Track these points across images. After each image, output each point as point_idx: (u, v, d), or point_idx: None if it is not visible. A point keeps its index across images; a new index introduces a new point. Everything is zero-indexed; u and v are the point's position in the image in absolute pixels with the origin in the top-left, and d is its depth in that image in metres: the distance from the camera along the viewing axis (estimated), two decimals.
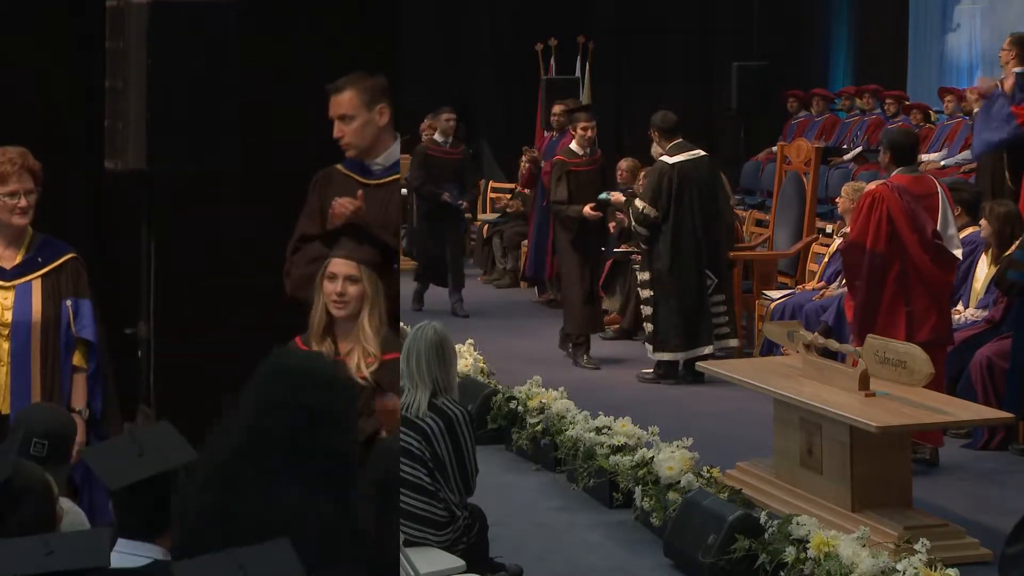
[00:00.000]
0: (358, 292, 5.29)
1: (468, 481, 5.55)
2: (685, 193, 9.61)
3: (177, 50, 5.08)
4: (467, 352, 9.01)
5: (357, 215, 5.41)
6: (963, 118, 13.49)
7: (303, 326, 5.40)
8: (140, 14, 5.04)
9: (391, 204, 5.67)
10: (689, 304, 9.60)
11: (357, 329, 5.30)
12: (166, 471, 3.47)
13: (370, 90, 5.53)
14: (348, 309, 5.29)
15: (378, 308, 5.34)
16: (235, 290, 5.97)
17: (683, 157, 9.66)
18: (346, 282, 5.29)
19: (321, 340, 5.33)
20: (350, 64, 5.70)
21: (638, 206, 9.69)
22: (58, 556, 2.87)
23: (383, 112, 5.56)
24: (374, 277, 5.34)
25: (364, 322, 5.29)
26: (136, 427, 4.74)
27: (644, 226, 9.62)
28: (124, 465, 3.49)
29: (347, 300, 5.27)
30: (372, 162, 5.63)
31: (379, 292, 5.35)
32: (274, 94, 5.85)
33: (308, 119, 5.78)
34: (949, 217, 7.37)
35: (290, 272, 5.55)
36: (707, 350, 9.62)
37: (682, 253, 9.59)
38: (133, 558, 3.41)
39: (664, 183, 9.59)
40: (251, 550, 2.78)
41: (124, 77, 5.08)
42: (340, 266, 5.31)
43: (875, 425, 5.90)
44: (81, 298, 5.43)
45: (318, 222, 5.60)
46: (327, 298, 5.29)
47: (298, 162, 5.85)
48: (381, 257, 5.41)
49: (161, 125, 5.06)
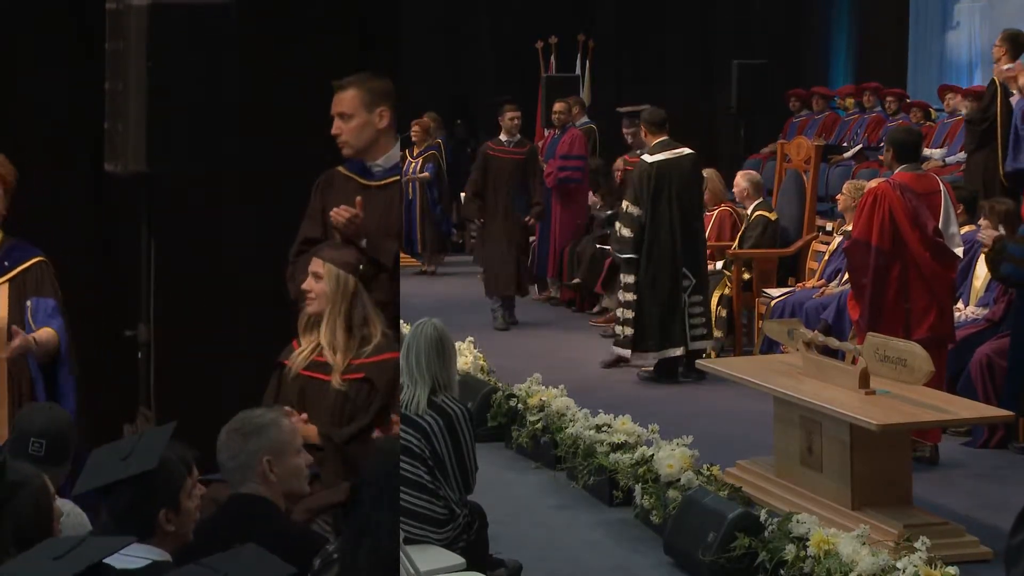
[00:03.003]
0: (320, 290, 5.36)
1: (468, 479, 5.56)
2: (663, 191, 9.60)
3: (177, 51, 5.08)
4: (467, 350, 9.02)
5: (354, 222, 5.43)
6: (963, 116, 13.48)
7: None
8: (140, 16, 5.04)
9: (392, 206, 5.68)
10: (661, 304, 9.60)
11: (322, 332, 5.36)
12: (140, 473, 3.49)
13: (373, 91, 5.54)
14: (314, 305, 5.39)
15: (343, 311, 5.34)
16: (235, 291, 5.97)
17: (663, 156, 9.66)
18: (312, 279, 5.39)
19: (305, 336, 5.43)
20: (350, 65, 5.71)
21: (624, 207, 9.72)
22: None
23: (383, 115, 5.57)
24: (343, 278, 5.36)
25: (323, 323, 5.34)
26: (137, 428, 4.75)
27: (629, 227, 9.60)
28: (102, 468, 3.53)
29: (313, 297, 5.38)
30: (373, 164, 5.64)
31: (346, 294, 5.36)
32: (274, 94, 5.86)
33: (308, 119, 5.78)
34: (951, 215, 7.38)
35: (293, 276, 5.57)
36: (678, 352, 9.62)
37: (657, 252, 9.59)
38: (132, 559, 3.42)
39: (644, 181, 9.61)
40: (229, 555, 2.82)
41: (124, 79, 5.08)
42: (311, 263, 5.42)
43: (875, 423, 5.91)
44: (44, 297, 5.47)
45: (320, 225, 5.62)
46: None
47: (298, 163, 5.86)
48: (360, 260, 5.43)
49: (161, 126, 5.06)
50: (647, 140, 9.86)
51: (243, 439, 4.22)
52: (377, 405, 5.31)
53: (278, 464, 4.23)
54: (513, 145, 11.84)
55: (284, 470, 4.25)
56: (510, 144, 11.85)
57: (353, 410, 5.32)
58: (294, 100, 5.88)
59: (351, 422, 5.30)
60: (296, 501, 4.47)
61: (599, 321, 11.78)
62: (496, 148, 11.91)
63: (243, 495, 4.21)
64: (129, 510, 3.58)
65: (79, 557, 2.88)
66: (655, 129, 9.77)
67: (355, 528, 3.68)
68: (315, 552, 3.91)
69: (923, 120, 14.21)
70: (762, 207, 10.69)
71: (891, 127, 12.39)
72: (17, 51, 5.96)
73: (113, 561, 3.37)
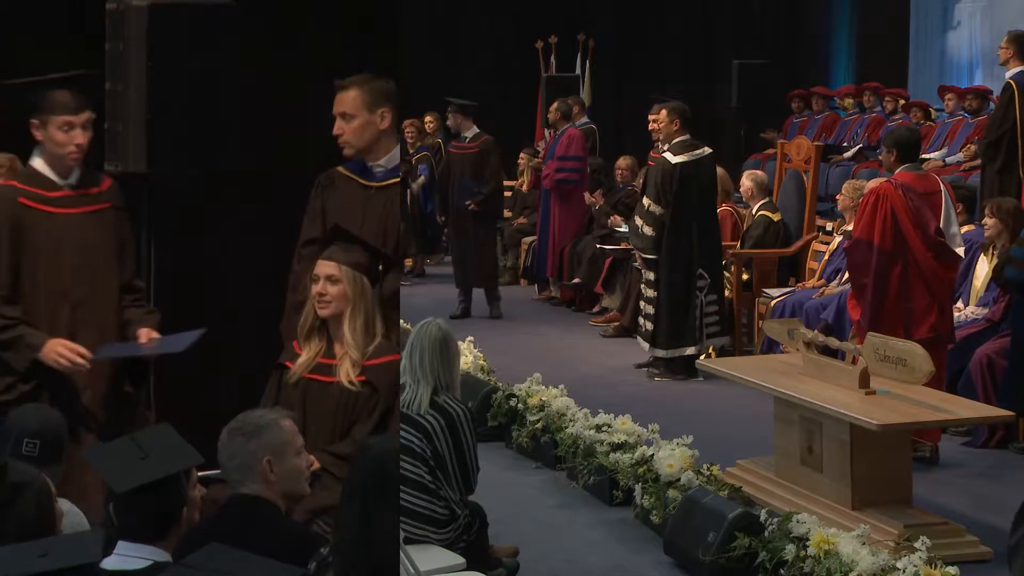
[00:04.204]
0: (339, 292, 5.35)
1: (469, 479, 5.56)
2: (686, 192, 9.59)
3: (177, 52, 5.09)
4: (467, 350, 9.02)
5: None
6: (963, 116, 13.49)
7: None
8: (140, 16, 5.05)
9: (391, 207, 5.68)
10: (675, 303, 9.60)
11: (339, 333, 5.35)
12: (168, 475, 3.48)
13: (374, 92, 5.55)
14: (331, 309, 5.37)
15: (362, 311, 5.36)
16: (235, 291, 5.97)
17: (686, 157, 9.62)
18: (327, 282, 5.36)
19: (307, 341, 5.40)
20: (350, 65, 5.71)
21: (644, 205, 9.69)
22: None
23: (384, 116, 5.58)
24: (359, 279, 5.37)
25: (344, 325, 5.34)
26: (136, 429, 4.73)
27: (652, 225, 9.59)
28: (128, 468, 3.50)
29: (328, 300, 5.35)
30: (374, 164, 5.64)
31: (364, 295, 5.37)
32: (274, 94, 5.86)
33: (308, 120, 5.79)
34: (952, 215, 7.38)
35: (298, 279, 5.57)
36: (690, 350, 9.64)
37: (674, 252, 9.58)
38: (133, 560, 3.42)
39: (667, 181, 9.57)
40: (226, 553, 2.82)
41: (124, 79, 5.09)
42: (323, 267, 5.40)
43: (875, 423, 5.91)
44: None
45: (320, 225, 5.62)
46: (313, 299, 5.39)
47: (298, 163, 5.86)
48: (370, 260, 5.44)
49: (161, 127, 5.07)
50: (672, 132, 9.72)
51: (244, 439, 4.22)
52: (381, 408, 5.31)
53: (278, 464, 4.22)
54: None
55: (284, 471, 4.24)
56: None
57: (355, 413, 5.32)
58: (294, 100, 5.88)
59: (353, 425, 5.31)
60: (297, 502, 4.46)
61: (599, 321, 11.78)
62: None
63: (243, 495, 4.21)
64: (146, 511, 3.54)
65: (64, 554, 2.89)
66: (683, 124, 9.67)
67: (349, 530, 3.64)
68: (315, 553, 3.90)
69: (923, 120, 14.21)
70: (766, 208, 10.68)
71: (891, 127, 12.39)
72: (17, 51, 5.95)
73: (114, 561, 3.37)
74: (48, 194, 5.27)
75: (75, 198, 5.30)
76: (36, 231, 5.25)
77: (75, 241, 5.28)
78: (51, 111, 5.19)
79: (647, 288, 9.77)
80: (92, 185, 5.33)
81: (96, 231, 5.32)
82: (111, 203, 5.37)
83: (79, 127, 5.20)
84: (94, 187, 5.34)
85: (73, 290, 5.27)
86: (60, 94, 5.20)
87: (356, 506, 3.52)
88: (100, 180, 5.35)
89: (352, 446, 5.12)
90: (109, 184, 5.36)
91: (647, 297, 9.77)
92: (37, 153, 5.29)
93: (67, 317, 5.24)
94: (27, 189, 5.26)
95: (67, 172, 5.29)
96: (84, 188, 5.32)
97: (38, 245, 5.25)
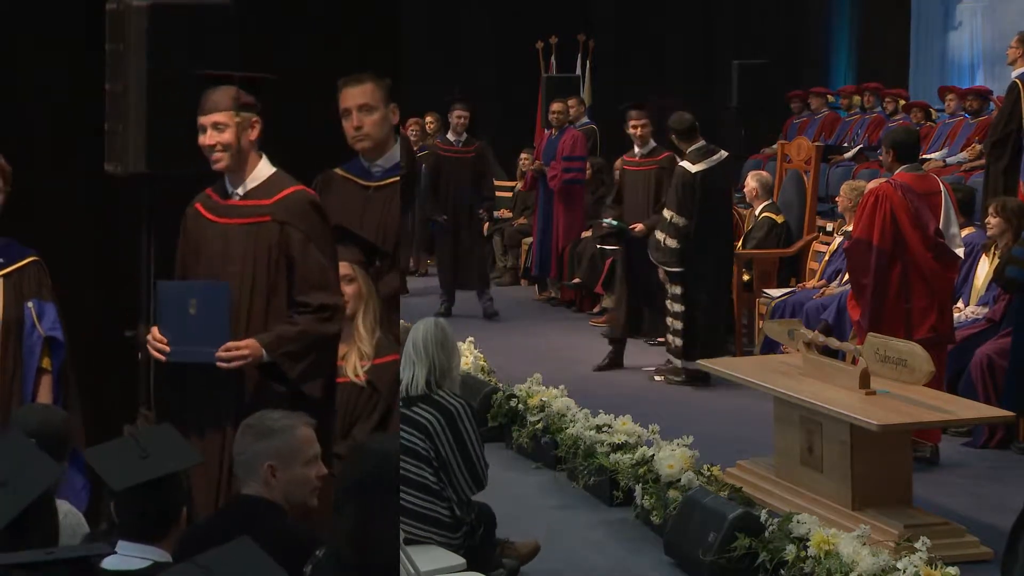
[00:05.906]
0: (354, 291, 5.34)
1: (477, 474, 5.49)
2: (709, 200, 9.39)
3: (177, 51, 5.08)
4: (467, 350, 9.02)
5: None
6: (964, 116, 13.49)
7: None
8: (140, 16, 5.04)
9: (391, 206, 5.68)
10: (711, 314, 9.47)
11: (353, 330, 5.33)
12: (169, 474, 3.48)
13: (385, 88, 5.57)
14: (350, 308, 5.34)
15: (372, 308, 5.36)
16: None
17: (705, 165, 9.41)
18: (343, 283, 5.31)
19: None
20: (350, 65, 5.71)
21: (667, 217, 9.44)
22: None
23: (394, 112, 5.59)
24: (367, 276, 5.37)
25: (359, 322, 5.32)
26: (136, 429, 4.73)
27: (675, 237, 9.36)
28: (127, 467, 3.50)
29: (345, 300, 5.29)
30: (373, 164, 5.64)
31: (372, 292, 5.37)
32: (274, 95, 5.85)
33: (308, 120, 5.78)
34: (952, 216, 7.38)
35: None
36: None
37: (703, 263, 9.39)
38: (133, 560, 3.42)
39: (688, 192, 9.35)
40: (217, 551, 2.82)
41: (124, 80, 5.09)
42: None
43: (876, 423, 5.91)
44: (45, 301, 5.42)
45: None
46: None
47: (298, 163, 5.85)
48: (367, 257, 5.43)
49: (161, 127, 5.06)
50: (680, 147, 9.58)
51: (253, 438, 4.20)
52: (381, 408, 5.31)
53: (283, 471, 4.16)
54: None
55: (289, 479, 4.18)
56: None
57: (356, 412, 5.31)
58: (294, 100, 5.87)
59: (354, 424, 5.30)
60: (301, 513, 4.28)
61: (599, 321, 11.77)
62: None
63: (244, 496, 4.20)
64: (151, 512, 3.53)
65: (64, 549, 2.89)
66: (686, 136, 9.51)
67: (347, 530, 3.63)
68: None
69: (924, 121, 14.20)
70: (770, 209, 10.67)
71: (891, 127, 12.38)
72: (17, 51, 5.95)
73: (114, 561, 3.37)
74: (220, 203, 5.09)
75: (239, 208, 5.03)
76: (202, 237, 5.06)
77: (223, 251, 5.03)
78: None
79: (673, 303, 9.51)
80: (263, 197, 5.03)
81: (247, 244, 5.00)
82: (271, 218, 4.99)
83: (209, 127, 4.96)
84: (265, 199, 5.03)
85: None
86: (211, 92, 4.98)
87: (354, 506, 3.51)
88: (272, 193, 5.05)
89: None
90: (278, 199, 5.02)
91: (673, 312, 9.51)
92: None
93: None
94: (206, 194, 5.12)
95: (237, 182, 5.04)
96: (254, 200, 5.04)
97: (202, 251, 5.07)
